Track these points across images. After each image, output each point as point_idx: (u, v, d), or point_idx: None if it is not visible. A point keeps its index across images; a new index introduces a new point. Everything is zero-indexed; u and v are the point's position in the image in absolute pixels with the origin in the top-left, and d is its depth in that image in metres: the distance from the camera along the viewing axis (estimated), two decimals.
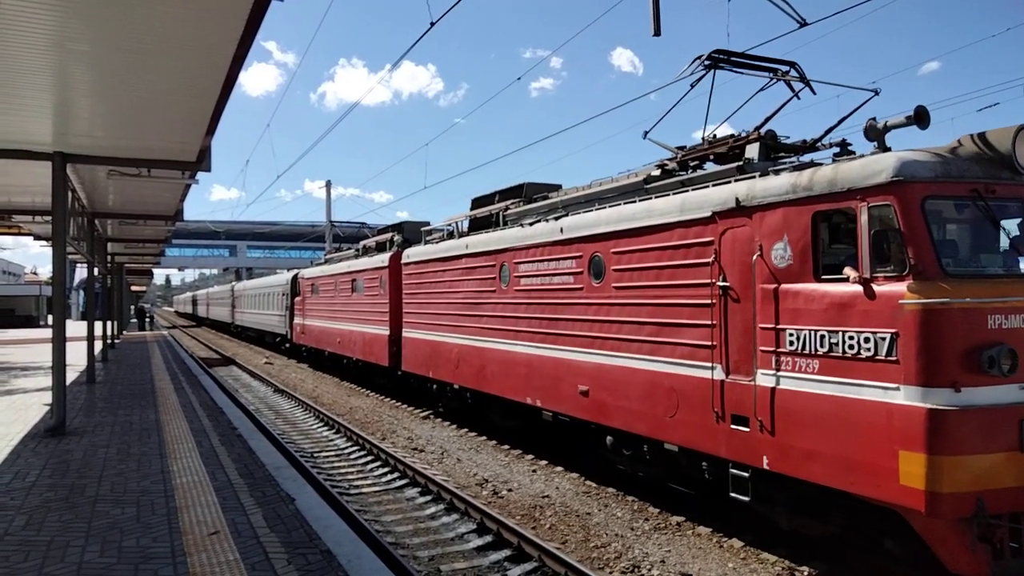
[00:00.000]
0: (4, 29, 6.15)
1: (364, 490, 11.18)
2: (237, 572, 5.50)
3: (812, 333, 6.86)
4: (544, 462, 12.34)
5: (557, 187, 13.57)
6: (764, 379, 7.34)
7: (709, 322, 8.07)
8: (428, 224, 19.37)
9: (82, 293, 58.04)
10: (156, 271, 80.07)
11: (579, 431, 11.07)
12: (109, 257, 28.25)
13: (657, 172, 9.97)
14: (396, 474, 11.98)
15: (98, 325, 23.16)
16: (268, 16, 5.90)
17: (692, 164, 9.69)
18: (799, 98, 8.89)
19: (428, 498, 10.59)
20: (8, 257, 73.85)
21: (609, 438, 10.25)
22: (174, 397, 15.47)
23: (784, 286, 7.18)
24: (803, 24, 8.57)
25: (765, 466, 7.28)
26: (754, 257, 7.47)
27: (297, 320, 30.46)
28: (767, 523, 8.63)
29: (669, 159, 10.09)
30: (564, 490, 10.72)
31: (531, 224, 12.17)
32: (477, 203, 15.58)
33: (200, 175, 13.71)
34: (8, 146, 10.58)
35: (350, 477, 12.03)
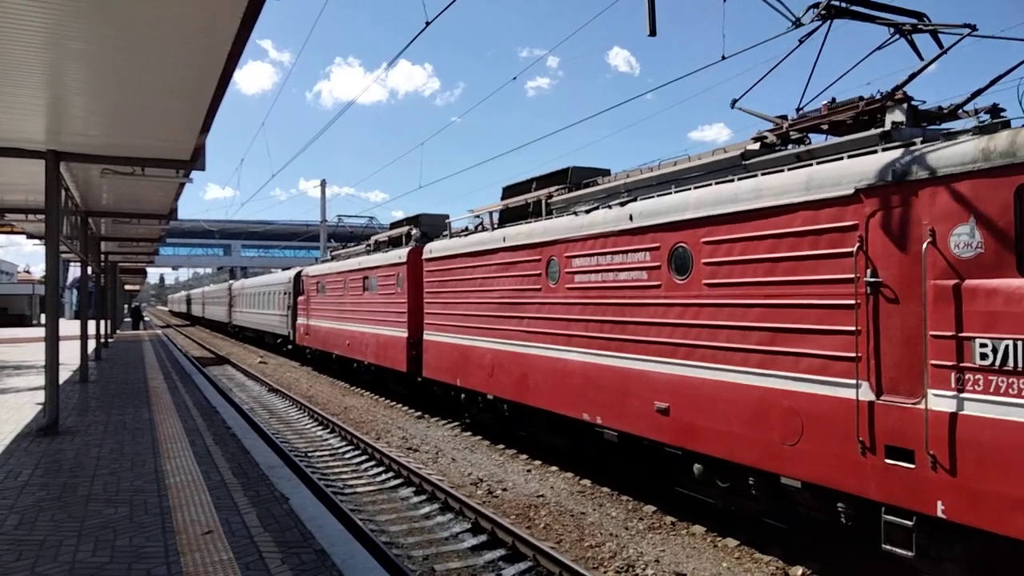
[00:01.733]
0: None
1: (358, 490, 11.16)
2: (231, 572, 5.49)
3: (1017, 344, 5.40)
4: (538, 462, 12.34)
5: (606, 172, 12.06)
6: (939, 402, 5.83)
7: (850, 328, 6.52)
8: (448, 217, 17.89)
9: (75, 292, 57.86)
10: (150, 270, 79.90)
11: (652, 455, 9.59)
12: (102, 256, 28.18)
13: (756, 146, 8.38)
14: (391, 474, 11.96)
15: (91, 324, 23.07)
16: (263, 14, 5.89)
17: (796, 137, 8.19)
18: (922, 58, 7.41)
19: (423, 498, 10.58)
20: (1, 256, 73.47)
21: (697, 466, 8.60)
22: (168, 396, 15.42)
23: (971, 282, 5.72)
24: (797, 24, 8.57)
25: (940, 514, 5.77)
26: (923, 245, 5.99)
27: (301, 320, 28.95)
28: (761, 523, 8.66)
29: (770, 130, 8.43)
30: (559, 489, 10.73)
31: (587, 212, 10.57)
32: (510, 191, 14.02)
33: (194, 174, 13.68)
34: (1, 144, 10.53)
35: (344, 477, 12.01)
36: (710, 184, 8.43)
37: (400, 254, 18.20)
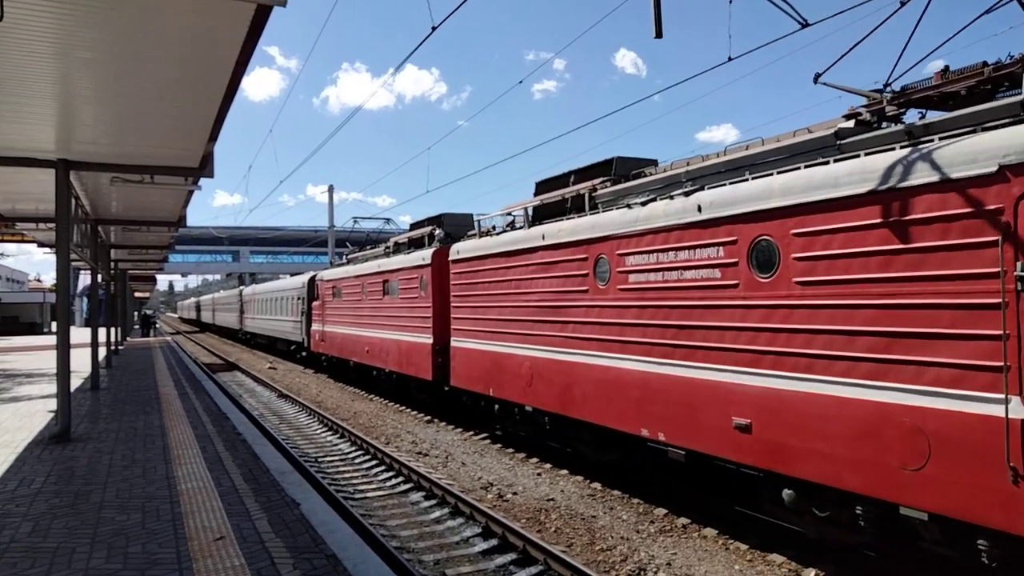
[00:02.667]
0: (8, 37, 6.17)
1: (369, 494, 11.17)
2: None
3: None
4: (549, 465, 12.32)
5: (652, 162, 11.25)
6: None
7: (996, 332, 5.56)
8: (472, 216, 17.17)
9: (86, 299, 58.17)
10: (159, 277, 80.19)
11: (728, 477, 9.06)
12: (112, 263, 28.31)
13: (849, 124, 7.43)
14: (400, 478, 11.97)
15: (102, 331, 23.19)
16: (270, 21, 5.92)
17: (892, 113, 7.28)
18: None
19: (433, 502, 10.58)
20: (12, 264, 73.87)
21: (788, 492, 7.53)
22: (178, 403, 15.48)
23: None
24: (805, 25, 8.56)
25: None
26: None
27: (315, 327, 27.99)
28: (772, 526, 8.61)
29: (864, 106, 7.51)
30: (569, 493, 10.71)
31: (642, 204, 9.52)
32: (544, 187, 13.05)
33: (203, 181, 13.71)
34: (12, 154, 10.61)
35: (355, 481, 12.02)
36: (797, 168, 7.41)
37: (424, 256, 17.20)
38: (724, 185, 8.32)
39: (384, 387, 20.96)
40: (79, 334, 28.18)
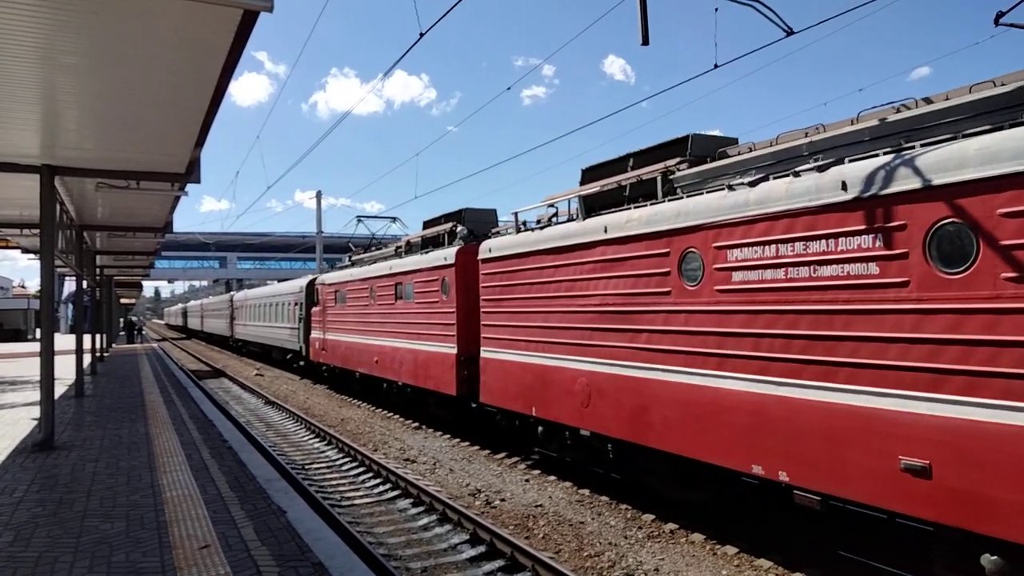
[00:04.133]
0: None
1: (356, 502, 11.11)
2: None
3: None
4: (537, 471, 12.30)
5: (732, 140, 9.73)
6: None
7: None
8: (495, 212, 16.10)
9: (70, 306, 57.72)
10: (145, 283, 79.72)
11: (876, 527, 7.80)
12: (98, 270, 28.11)
13: None
14: (388, 485, 11.92)
15: (87, 338, 23.00)
16: (258, 26, 5.90)
17: None
18: None
19: (421, 509, 10.54)
20: None
21: (992, 559, 5.73)
22: (164, 410, 15.36)
23: None
24: (790, 33, 8.63)
25: None
26: None
27: (315, 334, 26.02)
28: (760, 530, 8.64)
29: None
30: (557, 499, 10.70)
31: (751, 184, 7.79)
32: (593, 173, 11.43)
33: (189, 187, 13.66)
34: None
35: (342, 489, 11.96)
36: (991, 129, 5.81)
37: (446, 255, 15.40)
38: (877, 156, 6.64)
39: (396, 402, 19.24)
40: (64, 341, 27.93)
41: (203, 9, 5.52)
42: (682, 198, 8.95)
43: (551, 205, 12.37)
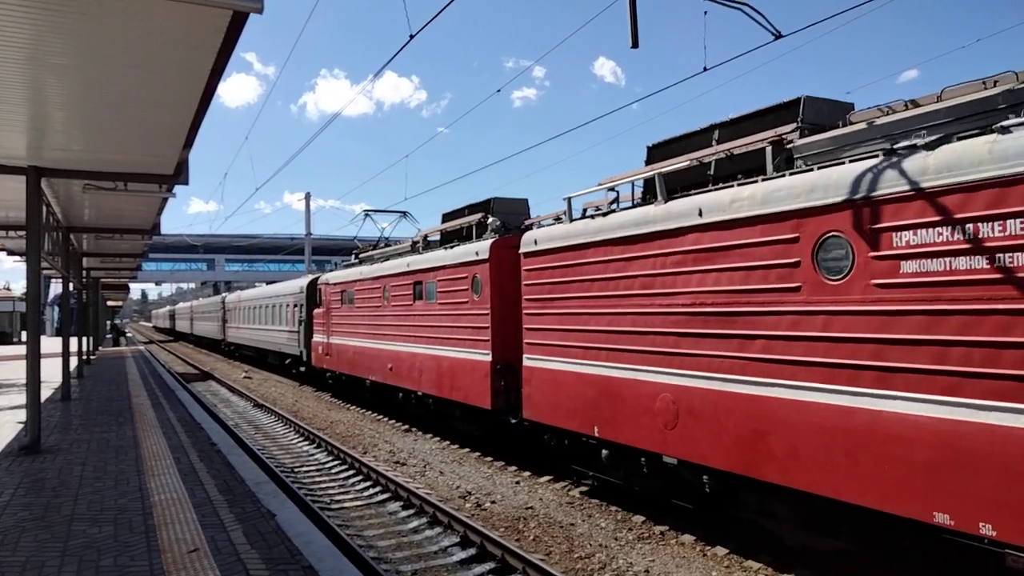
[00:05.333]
0: None
1: (346, 504, 11.08)
2: None
3: None
4: (527, 473, 12.30)
5: (848, 105, 8.19)
6: None
7: None
8: (526, 201, 14.88)
9: (57, 309, 57.27)
10: (132, 286, 79.16)
11: None
12: (84, 272, 27.92)
13: None
14: (378, 488, 11.89)
15: (73, 341, 22.84)
16: (247, 27, 5.89)
17: None
18: None
19: (410, 512, 10.52)
20: None
21: None
22: (151, 413, 15.27)
23: None
24: (778, 36, 8.68)
25: None
26: None
27: (318, 338, 24.13)
28: (750, 532, 8.67)
29: None
30: (548, 501, 10.70)
31: (927, 146, 6.19)
32: (662, 151, 9.95)
33: (177, 188, 13.60)
34: None
35: (331, 492, 11.92)
36: None
37: (478, 249, 13.60)
38: None
39: (415, 414, 17.45)
40: (50, 344, 27.72)
41: (192, 10, 5.50)
42: (810, 170, 7.19)
43: (611, 189, 10.59)
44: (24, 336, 13.36)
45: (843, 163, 6.94)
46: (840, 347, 6.74)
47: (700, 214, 8.34)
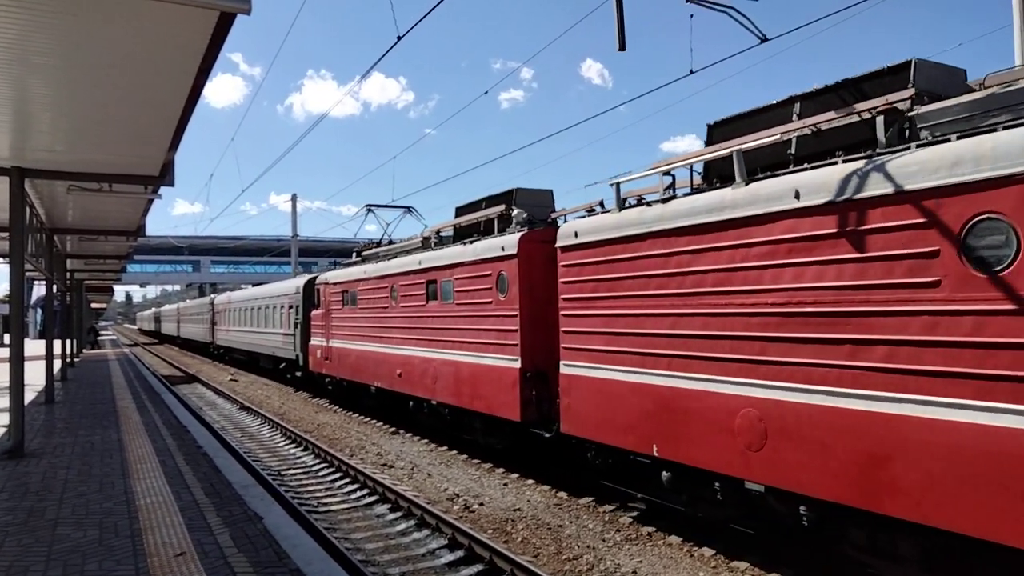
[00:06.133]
0: None
1: (333, 507, 11.04)
2: None
3: None
4: (515, 475, 12.30)
5: (960, 70, 7.39)
6: None
7: None
8: (551, 193, 13.90)
9: (40, 311, 56.71)
10: (117, 288, 78.54)
11: None
12: (68, 274, 27.69)
13: None
14: (366, 491, 11.85)
15: (56, 343, 22.61)
16: (234, 28, 5.86)
17: None
18: None
19: (399, 514, 10.50)
20: None
21: None
22: (136, 416, 15.15)
23: None
24: (764, 40, 8.75)
25: None
26: None
27: (316, 341, 22.85)
28: (736, 533, 8.73)
29: None
30: (536, 503, 10.71)
31: None
32: (725, 130, 8.96)
33: (163, 189, 13.51)
34: None
35: (318, 495, 11.87)
36: None
37: (504, 244, 12.27)
38: None
39: (426, 424, 16.15)
40: (33, 346, 27.42)
41: (179, 11, 5.47)
42: (944, 140, 6.08)
43: (666, 173, 9.35)
44: (7, 339, 13.18)
45: (994, 131, 5.74)
46: (998, 355, 5.50)
47: (797, 196, 7.05)
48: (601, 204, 10.70)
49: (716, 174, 8.78)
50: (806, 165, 7.37)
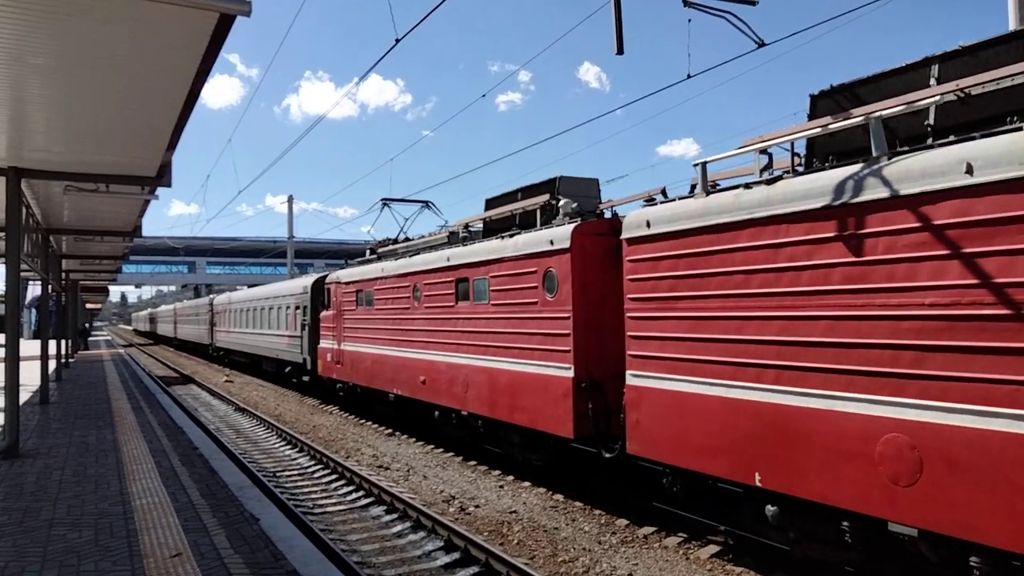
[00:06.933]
0: None
1: (329, 509, 11.03)
2: None
3: None
4: (511, 477, 12.31)
5: None
6: None
7: None
8: (597, 181, 12.56)
9: (35, 311, 56.55)
10: (112, 288, 78.28)
11: None
12: (64, 274, 27.61)
13: None
14: (361, 492, 11.85)
15: (51, 344, 22.55)
16: (232, 29, 5.87)
17: None
18: None
19: (394, 516, 10.50)
20: None
21: None
22: (132, 417, 15.12)
23: None
24: (761, 44, 8.79)
25: None
26: None
27: (326, 343, 21.46)
28: (733, 536, 8.74)
29: None
30: (531, 505, 10.71)
31: None
32: (831, 100, 7.75)
33: (160, 190, 13.49)
34: None
35: (314, 496, 11.86)
36: None
37: (553, 236, 10.88)
38: None
39: (453, 437, 14.85)
40: (28, 346, 27.35)
41: (178, 12, 5.48)
42: None
43: (763, 151, 8.19)
44: (1, 339, 13.12)
45: None
46: None
47: (969, 171, 5.77)
48: (664, 192, 9.50)
49: (822, 152, 7.58)
50: (934, 141, 6.39)
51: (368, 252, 20.47)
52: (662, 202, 9.06)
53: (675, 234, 8.50)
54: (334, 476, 13.12)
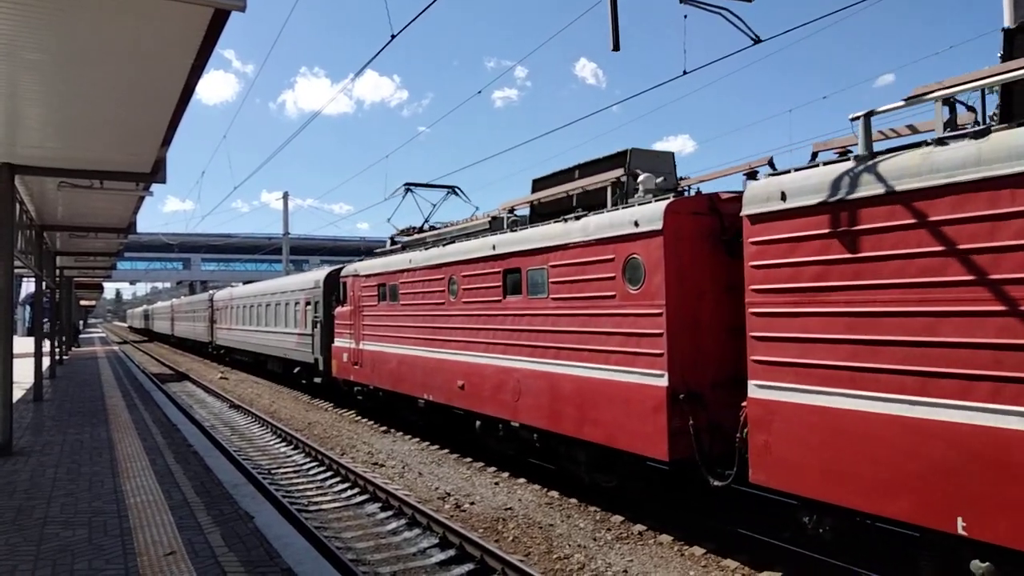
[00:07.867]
0: None
1: (324, 506, 11.02)
2: None
3: None
4: (506, 474, 12.30)
5: None
6: None
7: None
8: (672, 155, 10.87)
9: (28, 308, 56.36)
10: (107, 285, 78.03)
11: None
12: (58, 271, 27.51)
13: None
14: (356, 489, 11.84)
15: (45, 341, 22.49)
16: (227, 24, 5.84)
17: None
18: None
19: (389, 513, 10.49)
20: None
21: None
22: (126, 414, 15.08)
23: None
24: (757, 41, 8.79)
25: None
26: None
27: (342, 342, 19.59)
28: (727, 532, 8.76)
29: None
30: (527, 502, 10.72)
31: None
32: None
33: (154, 186, 13.45)
34: None
35: (309, 493, 11.85)
36: None
37: (639, 216, 9.02)
38: None
39: (495, 450, 13.03)
40: (21, 343, 27.27)
41: (173, 7, 5.46)
42: None
43: (947, 102, 6.43)
44: None
45: None
46: None
47: None
48: (771, 163, 8.03)
49: (1022, 102, 5.98)
50: None
51: (389, 242, 18.73)
52: (796, 169, 7.23)
53: (825, 207, 6.77)
54: (329, 473, 13.10)
